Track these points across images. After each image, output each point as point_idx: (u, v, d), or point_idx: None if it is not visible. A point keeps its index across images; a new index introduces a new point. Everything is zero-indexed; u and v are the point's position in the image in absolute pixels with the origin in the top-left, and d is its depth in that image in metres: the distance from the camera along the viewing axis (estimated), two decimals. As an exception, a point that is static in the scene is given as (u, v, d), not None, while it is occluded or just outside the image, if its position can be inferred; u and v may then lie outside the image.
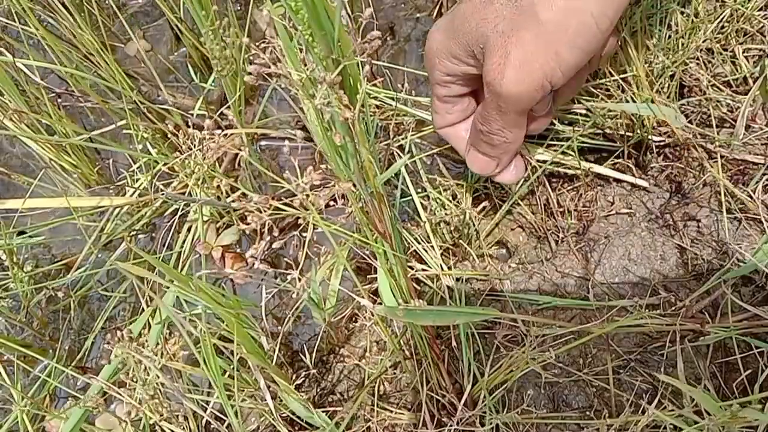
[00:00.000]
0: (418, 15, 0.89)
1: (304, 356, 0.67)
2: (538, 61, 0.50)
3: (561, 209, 0.70)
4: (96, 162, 0.85)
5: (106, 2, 0.96)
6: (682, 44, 0.71)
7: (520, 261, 0.70)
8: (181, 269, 0.74)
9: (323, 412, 0.62)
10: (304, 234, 0.76)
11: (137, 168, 0.81)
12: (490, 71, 0.51)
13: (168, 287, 0.54)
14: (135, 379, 0.52)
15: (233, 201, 0.40)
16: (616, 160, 0.71)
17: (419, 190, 0.73)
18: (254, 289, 0.76)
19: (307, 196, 0.40)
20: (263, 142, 0.84)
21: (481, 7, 0.51)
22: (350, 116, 0.36)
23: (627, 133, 0.69)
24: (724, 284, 0.61)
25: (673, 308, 0.62)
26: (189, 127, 0.80)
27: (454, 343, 0.63)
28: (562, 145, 0.69)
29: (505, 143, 0.58)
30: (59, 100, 0.89)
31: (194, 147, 0.56)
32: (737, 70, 0.72)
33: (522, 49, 0.49)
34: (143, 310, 0.65)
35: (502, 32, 0.50)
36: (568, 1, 0.48)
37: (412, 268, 0.67)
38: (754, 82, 0.71)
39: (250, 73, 0.35)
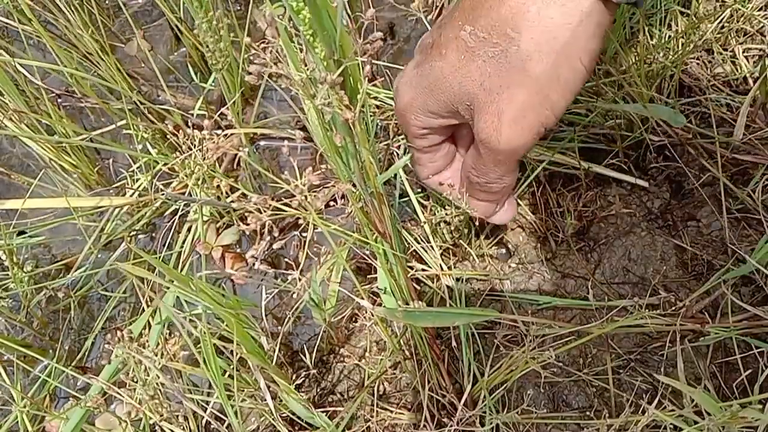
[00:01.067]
0: (418, 15, 0.89)
1: (304, 356, 0.67)
2: (532, 113, 0.49)
3: (561, 209, 0.70)
4: (96, 162, 0.85)
5: (106, 2, 0.96)
6: (682, 44, 0.71)
7: (520, 261, 0.70)
8: (181, 269, 0.74)
9: (323, 412, 0.62)
10: (304, 234, 0.76)
11: (137, 168, 0.81)
12: (485, 130, 0.50)
13: (168, 287, 0.54)
14: (135, 380, 0.52)
15: (233, 201, 0.40)
16: (614, 160, 0.71)
17: (419, 190, 0.73)
18: (254, 289, 0.76)
19: (306, 197, 0.40)
20: (263, 142, 0.84)
21: (462, 64, 0.49)
22: (351, 117, 0.36)
23: (627, 133, 0.69)
24: (724, 284, 0.61)
25: (673, 308, 0.62)
26: (189, 127, 0.80)
27: (454, 343, 0.63)
28: (560, 146, 0.69)
29: (504, 188, 0.57)
30: (59, 101, 0.89)
31: (194, 147, 0.56)
32: (737, 70, 0.73)
33: (515, 106, 0.48)
34: (143, 310, 0.65)
35: (490, 90, 0.48)
36: (558, 54, 0.46)
37: (412, 268, 0.67)
38: (754, 82, 0.71)
39: (250, 73, 0.35)
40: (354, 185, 0.44)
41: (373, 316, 0.59)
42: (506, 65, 0.47)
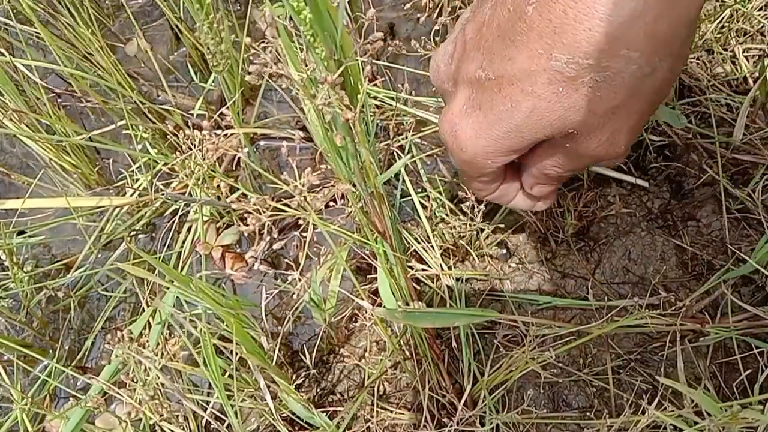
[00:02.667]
0: (418, 15, 0.89)
1: (304, 356, 0.67)
2: (643, 121, 0.46)
3: (561, 209, 0.70)
4: (96, 162, 0.85)
5: (106, 2, 0.96)
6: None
7: (520, 261, 0.70)
8: (181, 269, 0.74)
9: (323, 412, 0.62)
10: (304, 234, 0.76)
11: (137, 168, 0.81)
12: (598, 149, 0.46)
13: (168, 287, 0.54)
14: (135, 380, 0.52)
15: (233, 201, 0.40)
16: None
17: (419, 190, 0.73)
18: (254, 290, 0.76)
19: (305, 197, 0.40)
20: (263, 142, 0.84)
21: (562, 97, 0.43)
22: (351, 117, 0.36)
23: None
24: (724, 284, 0.61)
25: (673, 308, 0.62)
26: (189, 127, 0.80)
27: (454, 344, 0.63)
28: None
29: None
30: (59, 100, 0.89)
31: (194, 147, 0.56)
32: (737, 70, 0.73)
33: (633, 120, 0.45)
34: (143, 310, 0.65)
35: (603, 113, 0.43)
36: (670, 65, 0.42)
37: (412, 268, 0.67)
38: (754, 82, 0.71)
39: (250, 73, 0.35)
40: (354, 185, 0.44)
41: (373, 316, 0.59)
42: (622, 85, 0.42)
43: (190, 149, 0.59)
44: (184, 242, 0.77)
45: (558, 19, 0.40)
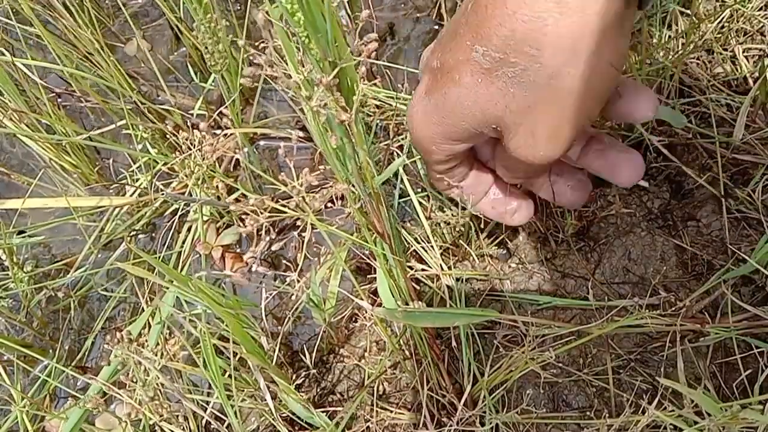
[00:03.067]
0: (417, 15, 0.89)
1: (304, 356, 0.67)
2: (568, 126, 0.46)
3: (561, 209, 0.70)
4: (96, 162, 0.85)
5: (106, 2, 0.96)
6: (682, 44, 0.71)
7: (520, 261, 0.70)
8: (181, 269, 0.74)
9: (323, 412, 0.62)
10: (303, 235, 0.76)
11: (137, 168, 0.81)
12: (519, 149, 0.48)
13: (168, 287, 0.54)
14: (135, 380, 0.52)
15: (232, 202, 0.40)
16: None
17: (419, 190, 0.73)
18: (254, 290, 0.76)
19: (304, 198, 0.40)
20: (262, 142, 0.84)
21: (481, 89, 0.45)
22: (347, 118, 0.36)
23: (627, 134, 0.69)
24: (724, 284, 0.61)
25: (673, 308, 0.61)
26: (188, 127, 0.80)
27: (454, 343, 0.63)
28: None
29: (534, 177, 0.58)
30: (59, 100, 0.90)
31: (194, 147, 0.56)
32: (737, 70, 0.72)
33: (549, 123, 0.46)
34: (143, 310, 0.65)
35: (518, 111, 0.45)
36: (585, 63, 0.43)
37: (411, 268, 0.67)
38: (754, 82, 0.71)
39: (245, 76, 0.35)
40: (352, 186, 0.44)
41: (372, 316, 0.59)
42: (530, 84, 0.44)
43: (190, 149, 0.59)
44: (184, 242, 0.77)
45: (482, 14, 0.43)
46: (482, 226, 0.70)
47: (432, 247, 0.68)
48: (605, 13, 0.41)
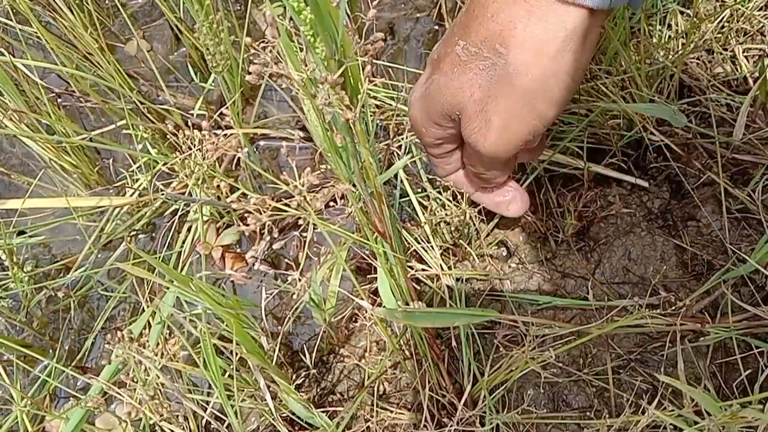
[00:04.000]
0: (417, 15, 0.89)
1: (304, 356, 0.67)
2: (519, 123, 0.51)
3: (561, 209, 0.70)
4: (96, 162, 0.85)
5: (106, 2, 0.96)
6: (682, 44, 0.71)
7: (520, 261, 0.70)
8: (181, 269, 0.74)
9: (323, 412, 0.62)
10: (304, 234, 0.76)
11: (137, 168, 0.81)
12: (472, 135, 0.53)
13: (168, 287, 0.54)
14: (135, 380, 0.52)
15: (233, 201, 0.40)
16: (614, 159, 0.71)
17: (419, 190, 0.73)
18: (254, 290, 0.76)
19: (305, 197, 0.40)
20: (263, 142, 0.84)
21: (455, 77, 0.51)
22: (351, 117, 0.36)
23: (626, 133, 0.69)
24: (724, 284, 0.61)
25: (673, 308, 0.61)
26: (189, 127, 0.80)
27: (454, 343, 0.63)
28: (561, 145, 0.69)
29: (497, 179, 0.61)
30: (59, 100, 0.89)
31: (194, 147, 0.56)
32: (737, 70, 0.73)
33: (502, 115, 0.51)
34: (143, 310, 0.65)
35: (479, 100, 0.51)
36: (544, 68, 0.48)
37: (412, 268, 0.67)
38: (754, 82, 0.71)
39: (250, 73, 0.35)
40: (354, 185, 0.44)
41: (373, 316, 0.59)
42: (495, 77, 0.49)
43: (190, 149, 0.59)
44: (184, 242, 0.77)
45: (469, 15, 0.50)
46: (482, 226, 0.70)
47: (432, 247, 0.68)
48: (567, 26, 0.46)
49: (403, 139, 0.75)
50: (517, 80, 0.49)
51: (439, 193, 0.71)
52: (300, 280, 0.47)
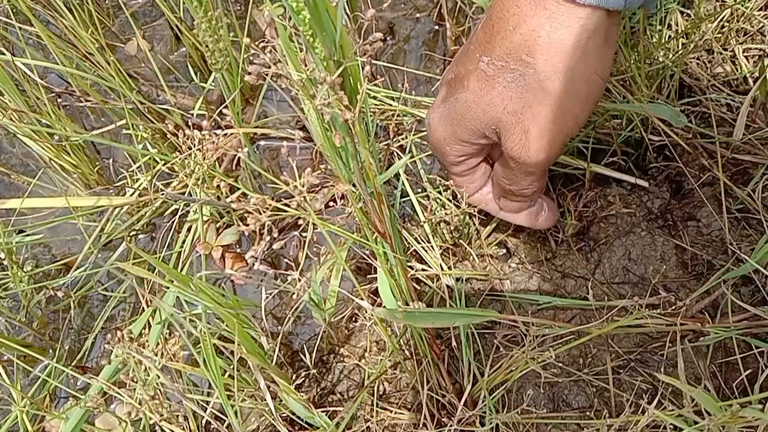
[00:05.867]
0: (417, 15, 0.89)
1: (304, 356, 0.67)
2: (557, 127, 0.52)
3: (561, 209, 0.70)
4: (96, 162, 0.85)
5: (106, 2, 0.96)
6: (683, 44, 0.71)
7: (520, 261, 0.70)
8: (181, 269, 0.74)
9: (323, 412, 0.62)
10: (304, 234, 0.76)
11: (137, 168, 0.81)
12: (514, 148, 0.53)
13: (168, 287, 0.54)
14: (135, 380, 0.52)
15: (233, 201, 0.40)
16: (614, 159, 0.71)
17: (419, 190, 0.73)
18: (254, 289, 0.76)
19: (305, 197, 0.40)
20: (263, 142, 0.84)
21: (484, 93, 0.52)
22: (350, 117, 0.36)
23: (627, 133, 0.69)
24: (724, 284, 0.61)
25: (673, 308, 0.61)
26: (189, 127, 0.80)
27: (454, 343, 0.63)
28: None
29: (535, 191, 0.60)
30: (59, 100, 0.89)
31: (194, 147, 0.56)
32: (737, 70, 0.73)
33: (539, 122, 0.51)
34: (143, 310, 0.65)
35: (514, 111, 0.51)
36: (572, 70, 0.49)
37: (412, 268, 0.67)
38: (754, 82, 0.71)
39: (250, 73, 0.35)
40: (354, 185, 0.44)
41: (373, 316, 0.59)
42: (525, 87, 0.50)
43: (190, 149, 0.59)
44: (184, 242, 0.77)
45: (489, 32, 0.52)
46: (482, 226, 0.70)
47: (432, 247, 0.68)
48: (589, 28, 0.48)
49: (403, 139, 0.75)
50: (548, 85, 0.50)
51: (439, 193, 0.71)
52: (300, 280, 0.47)
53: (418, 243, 0.69)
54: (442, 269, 0.67)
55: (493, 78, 0.51)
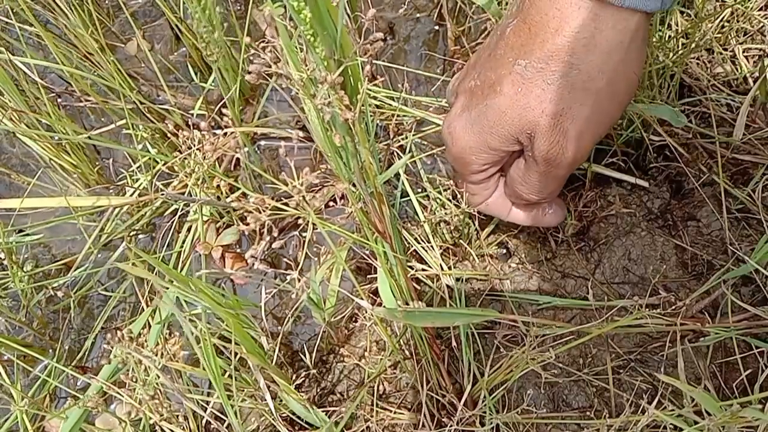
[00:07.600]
0: (418, 15, 0.89)
1: (304, 356, 0.67)
2: (594, 127, 0.53)
3: (561, 209, 0.70)
4: (96, 162, 0.85)
5: (106, 2, 0.96)
6: (683, 44, 0.71)
7: (520, 261, 0.70)
8: (181, 269, 0.74)
9: (323, 411, 0.62)
10: (303, 234, 0.76)
11: (137, 168, 0.81)
12: (551, 150, 0.53)
13: (168, 287, 0.54)
14: (135, 379, 0.52)
15: (233, 201, 0.40)
16: (614, 159, 0.71)
17: (419, 190, 0.73)
18: (254, 289, 0.76)
19: (304, 197, 0.40)
20: (263, 142, 0.84)
21: (520, 96, 0.52)
22: (351, 117, 0.36)
23: (627, 134, 0.69)
24: (724, 284, 0.61)
25: (673, 308, 0.61)
26: (189, 127, 0.80)
27: (454, 343, 0.63)
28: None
29: (553, 194, 0.60)
30: (59, 100, 0.89)
31: (194, 147, 0.56)
32: (737, 70, 0.73)
33: (579, 123, 0.52)
34: (143, 310, 0.65)
35: (553, 114, 0.51)
36: (614, 70, 0.50)
37: (412, 267, 0.67)
38: (754, 82, 0.71)
39: (249, 72, 0.35)
40: (354, 185, 0.44)
41: (373, 316, 0.59)
42: (567, 88, 0.51)
43: (190, 149, 0.59)
44: (184, 242, 0.77)
45: (524, 36, 0.51)
46: (482, 226, 0.70)
47: (432, 247, 0.68)
48: (632, 28, 0.49)
49: (403, 139, 0.75)
50: (591, 86, 0.50)
51: (439, 193, 0.71)
52: (300, 279, 0.47)
53: (418, 243, 0.69)
54: (442, 269, 0.67)
55: (530, 81, 0.51)
